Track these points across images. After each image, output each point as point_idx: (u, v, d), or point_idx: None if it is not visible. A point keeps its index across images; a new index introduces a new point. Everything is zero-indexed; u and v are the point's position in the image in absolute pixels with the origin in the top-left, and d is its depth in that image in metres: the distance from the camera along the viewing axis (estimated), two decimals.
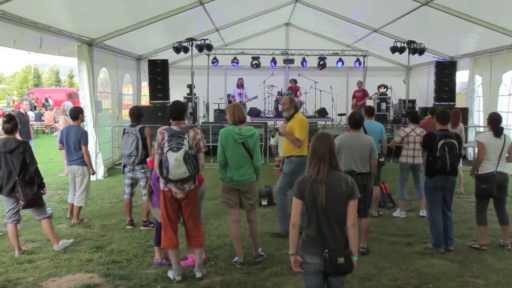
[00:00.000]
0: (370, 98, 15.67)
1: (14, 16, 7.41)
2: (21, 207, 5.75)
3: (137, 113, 7.03)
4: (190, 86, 15.03)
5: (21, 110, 11.25)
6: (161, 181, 4.89)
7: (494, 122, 6.00)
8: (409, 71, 17.13)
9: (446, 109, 6.42)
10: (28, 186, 5.63)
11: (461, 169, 9.21)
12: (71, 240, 5.89)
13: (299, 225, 3.30)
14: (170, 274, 5.04)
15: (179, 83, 16.02)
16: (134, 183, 7.00)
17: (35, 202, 5.72)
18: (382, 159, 7.25)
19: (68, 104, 21.65)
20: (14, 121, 5.80)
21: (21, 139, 7.17)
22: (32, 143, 8.24)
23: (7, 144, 5.62)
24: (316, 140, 3.35)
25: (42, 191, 5.82)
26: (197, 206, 5.15)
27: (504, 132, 6.05)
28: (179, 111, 5.07)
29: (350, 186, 3.27)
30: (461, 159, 8.67)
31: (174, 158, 4.64)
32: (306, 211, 3.30)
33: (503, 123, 6.21)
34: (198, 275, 5.03)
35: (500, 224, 6.17)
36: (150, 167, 5.52)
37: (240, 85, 15.76)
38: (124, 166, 6.95)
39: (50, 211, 6.79)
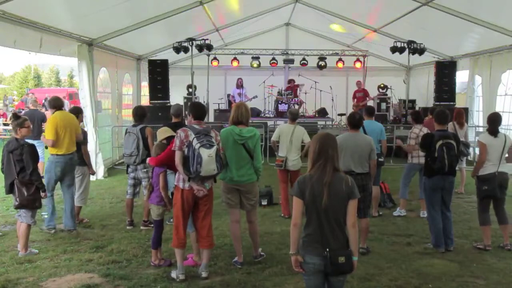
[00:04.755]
0: (372, 99, 15.66)
1: (14, 16, 7.41)
2: (13, 207, 5.78)
3: (140, 113, 7.02)
4: (191, 86, 15.03)
5: (32, 106, 11.25)
6: (181, 179, 4.87)
7: (490, 121, 6.04)
8: (409, 71, 17.12)
9: (445, 109, 6.41)
10: (25, 186, 5.63)
11: (465, 169, 9.20)
12: (37, 251, 5.90)
13: (300, 225, 3.30)
14: (174, 273, 5.04)
15: (179, 83, 16.02)
16: (137, 183, 6.99)
17: (30, 203, 5.70)
18: (381, 159, 7.25)
19: (67, 104, 21.63)
20: (16, 121, 5.80)
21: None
22: (39, 143, 8.06)
23: (10, 144, 5.72)
24: (323, 141, 3.32)
25: (42, 195, 5.82)
26: (213, 204, 5.16)
27: (502, 132, 6.05)
28: (201, 111, 5.15)
29: (350, 186, 3.27)
30: (463, 159, 8.71)
31: (208, 154, 4.65)
32: (306, 211, 3.30)
33: (502, 123, 6.21)
34: (204, 274, 5.03)
35: (499, 223, 6.15)
36: (152, 165, 5.52)
37: (240, 85, 15.76)
38: (128, 166, 6.95)
39: (45, 216, 6.78)
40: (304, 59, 16.51)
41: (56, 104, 6.83)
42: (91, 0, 8.83)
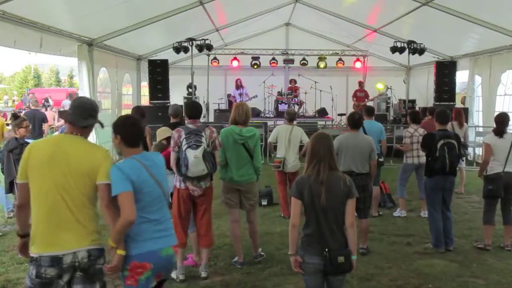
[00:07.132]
0: (372, 100, 15.67)
1: (14, 16, 7.42)
2: (12, 205, 5.83)
3: (138, 113, 7.03)
4: (191, 86, 15.03)
5: (32, 107, 11.26)
6: (178, 179, 4.89)
7: (498, 122, 6.01)
8: (409, 71, 17.12)
9: (446, 109, 6.41)
10: None
11: (464, 169, 9.21)
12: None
13: (299, 225, 3.31)
14: (174, 274, 5.03)
15: (179, 83, 16.03)
16: None
17: None
18: (381, 159, 7.25)
19: (67, 103, 21.64)
20: (15, 121, 5.88)
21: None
22: None
23: (9, 144, 5.80)
24: (315, 141, 3.36)
25: None
26: (211, 203, 5.14)
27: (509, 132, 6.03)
28: (195, 110, 5.11)
29: (348, 185, 3.28)
30: (463, 159, 8.71)
31: (194, 156, 4.62)
32: (305, 211, 3.31)
33: None
34: (204, 274, 5.03)
35: (503, 223, 6.11)
36: None
37: (239, 85, 15.76)
38: None
39: None
40: (304, 59, 16.52)
41: None
42: (91, 0, 8.83)
